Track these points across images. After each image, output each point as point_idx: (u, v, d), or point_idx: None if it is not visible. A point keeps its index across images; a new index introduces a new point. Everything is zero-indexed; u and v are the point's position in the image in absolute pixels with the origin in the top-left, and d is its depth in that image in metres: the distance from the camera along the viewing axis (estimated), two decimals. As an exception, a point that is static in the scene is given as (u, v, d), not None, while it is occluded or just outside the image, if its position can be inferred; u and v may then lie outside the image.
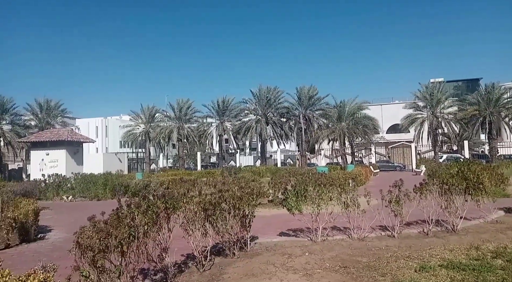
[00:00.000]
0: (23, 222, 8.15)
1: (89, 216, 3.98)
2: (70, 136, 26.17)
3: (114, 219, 3.85)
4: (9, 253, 7.33)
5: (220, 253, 6.34)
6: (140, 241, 4.00)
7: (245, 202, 6.37)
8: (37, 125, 43.71)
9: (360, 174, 21.24)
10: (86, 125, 63.74)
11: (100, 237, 3.53)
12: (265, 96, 43.52)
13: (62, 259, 5.84)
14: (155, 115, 48.46)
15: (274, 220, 9.96)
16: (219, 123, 46.41)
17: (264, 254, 6.27)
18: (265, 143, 44.42)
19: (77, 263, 3.61)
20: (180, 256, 5.91)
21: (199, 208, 5.65)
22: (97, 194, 18.68)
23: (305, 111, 41.91)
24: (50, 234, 9.39)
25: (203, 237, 5.59)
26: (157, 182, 20.23)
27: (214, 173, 29.83)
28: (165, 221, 4.82)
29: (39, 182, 20.23)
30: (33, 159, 26.32)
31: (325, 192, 7.27)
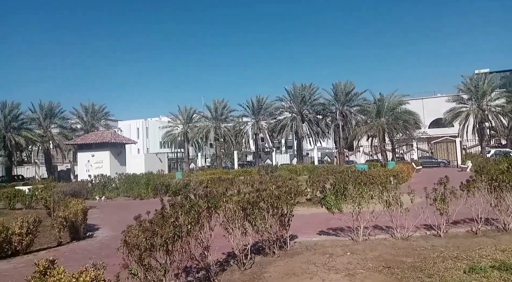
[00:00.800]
0: (73, 221, 8.59)
1: (135, 215, 4.13)
2: (113, 138, 27.27)
3: (159, 218, 3.98)
4: (61, 250, 7.76)
5: (260, 252, 6.37)
6: (184, 240, 4.11)
7: (283, 201, 6.36)
8: (82, 128, 45.97)
9: (402, 171, 20.57)
10: (128, 127, 66.23)
11: (146, 236, 3.65)
12: (300, 94, 43.18)
13: (109, 256, 6.10)
14: (193, 116, 49.50)
15: (313, 219, 9.87)
16: (255, 122, 46.62)
17: (305, 254, 6.23)
18: (301, 141, 44.10)
19: (125, 261, 3.76)
20: (221, 254, 6.01)
21: (238, 207, 5.71)
22: (140, 194, 19.33)
23: (342, 107, 41.18)
24: (97, 232, 9.84)
25: (243, 235, 5.64)
26: (197, 181, 20.67)
27: (251, 171, 30.01)
28: (207, 220, 4.91)
29: (86, 182, 21.24)
30: (79, 161, 27.68)
31: (365, 190, 7.11)
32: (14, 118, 40.63)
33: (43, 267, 2.75)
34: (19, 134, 39.54)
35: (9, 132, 39.44)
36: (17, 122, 40.89)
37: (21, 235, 7.29)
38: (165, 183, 19.85)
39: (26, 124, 42.06)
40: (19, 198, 15.92)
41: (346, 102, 41.17)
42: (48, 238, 8.77)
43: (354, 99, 41.12)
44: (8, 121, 40.01)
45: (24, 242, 7.37)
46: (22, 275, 5.83)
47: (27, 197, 15.75)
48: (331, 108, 42.58)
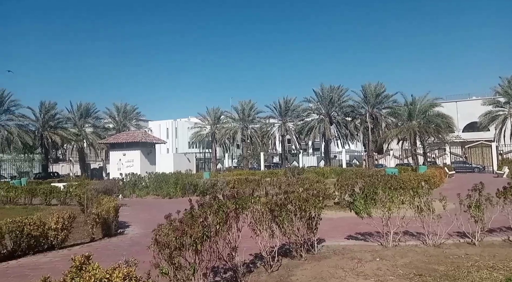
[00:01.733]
0: (105, 218, 8.87)
1: (166, 214, 4.22)
2: (144, 138, 27.96)
3: (188, 218, 4.05)
4: (94, 246, 8.02)
5: (287, 254, 6.35)
6: (212, 240, 4.16)
7: (311, 204, 6.31)
8: (114, 127, 47.41)
9: (434, 176, 19.95)
10: (157, 127, 67.73)
11: (176, 235, 3.72)
12: (328, 95, 42.72)
13: (139, 253, 6.26)
14: (220, 117, 50.02)
15: (341, 223, 9.74)
16: (282, 123, 46.53)
17: (332, 258, 6.16)
18: (329, 143, 43.62)
19: (156, 259, 3.85)
20: (248, 255, 6.03)
21: (266, 209, 5.71)
22: (168, 192, 19.72)
23: (372, 110, 40.42)
24: (128, 229, 10.11)
25: (270, 237, 5.64)
26: (224, 181, 20.87)
27: (277, 173, 29.96)
28: (235, 221, 4.95)
29: (118, 180, 21.87)
30: (111, 159, 28.55)
31: (396, 195, 6.95)
32: (51, 118, 42.44)
33: (79, 263, 2.86)
34: (55, 133, 41.27)
35: (46, 130, 41.23)
36: (53, 121, 42.69)
37: (57, 230, 7.60)
38: (193, 183, 20.17)
39: (62, 123, 43.86)
40: (54, 195, 16.61)
41: (376, 104, 40.37)
42: (81, 233, 9.09)
43: (385, 101, 40.26)
44: (45, 120, 41.84)
45: (59, 237, 7.68)
46: (58, 269, 6.08)
47: (62, 194, 16.41)
48: (360, 110, 41.87)
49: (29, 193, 17.08)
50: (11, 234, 6.90)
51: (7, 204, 16.71)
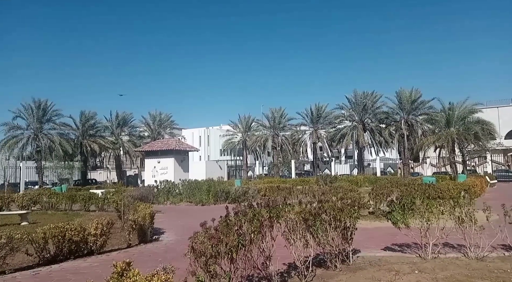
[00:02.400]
0: (141, 224, 9.09)
1: (201, 222, 4.28)
2: (177, 146, 28.53)
3: (223, 226, 4.08)
4: (131, 252, 8.23)
5: (321, 265, 6.25)
6: (247, 249, 4.16)
7: (346, 214, 6.19)
8: (149, 135, 48.79)
9: (474, 185, 19.04)
10: (190, 135, 69.04)
11: (212, 243, 3.76)
12: (361, 101, 42.01)
13: (174, 260, 6.36)
14: (251, 124, 50.29)
15: (377, 233, 9.48)
16: (313, 130, 46.14)
17: (369, 269, 6.00)
18: (362, 150, 42.76)
19: (192, 266, 3.90)
20: (282, 264, 5.98)
21: (300, 218, 5.66)
22: (201, 199, 19.95)
23: (407, 116, 39.33)
24: (163, 236, 10.30)
25: (304, 247, 5.57)
26: (255, 189, 20.90)
27: (309, 181, 29.67)
28: (269, 229, 4.94)
29: (152, 187, 22.39)
30: (146, 167, 29.30)
31: (435, 205, 6.69)
32: (90, 127, 44.28)
33: (121, 269, 2.94)
34: (94, 141, 42.99)
35: (85, 139, 43.03)
36: (92, 130, 44.52)
37: (96, 236, 7.86)
38: (225, 190, 20.31)
39: (100, 132, 45.65)
40: (93, 201, 17.23)
41: (411, 110, 39.26)
42: (118, 239, 9.35)
43: (421, 107, 39.09)
44: (85, 129, 43.69)
45: (98, 242, 7.94)
46: (97, 274, 6.29)
47: (100, 200, 16.99)
48: (395, 116, 40.85)
49: (70, 199, 17.81)
50: (54, 239, 7.21)
51: (49, 210, 17.51)
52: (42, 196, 18.36)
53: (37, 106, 40.18)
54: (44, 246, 7.09)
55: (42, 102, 40.48)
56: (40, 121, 40.35)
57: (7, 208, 17.00)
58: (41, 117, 40.32)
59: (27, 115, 40.21)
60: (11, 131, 39.75)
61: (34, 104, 40.19)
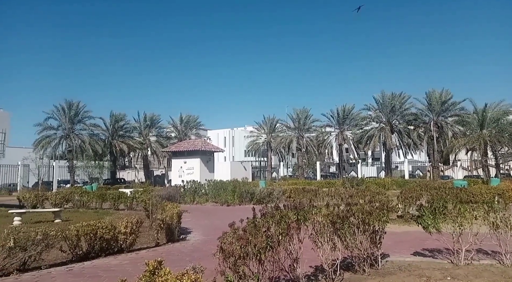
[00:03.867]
0: (169, 223, 9.25)
1: (230, 222, 4.32)
2: (203, 146, 28.89)
3: (251, 227, 4.10)
4: (159, 251, 8.38)
5: (349, 268, 6.16)
6: (275, 251, 4.16)
7: (375, 217, 6.08)
8: (176, 136, 49.60)
9: (509, 190, 18.25)
10: (215, 136, 69.72)
11: (241, 244, 3.78)
12: (389, 103, 41.15)
13: (201, 260, 6.43)
14: (276, 126, 50.22)
15: (406, 238, 9.26)
16: (339, 132, 45.57)
17: (398, 274, 5.86)
18: (389, 152, 41.88)
19: (221, 266, 3.94)
20: (309, 267, 5.94)
21: (327, 221, 5.61)
22: (226, 200, 20.10)
23: (437, 118, 38.23)
24: (190, 235, 10.43)
25: (332, 250, 5.51)
26: (280, 190, 20.83)
27: (335, 183, 29.31)
28: (296, 232, 4.92)
29: (179, 187, 22.75)
30: (173, 167, 29.81)
31: (468, 210, 6.47)
32: (120, 128, 45.51)
33: (153, 267, 3.01)
34: (123, 142, 44.17)
35: (114, 139, 44.26)
36: (121, 131, 45.74)
37: (126, 234, 8.05)
38: (249, 191, 20.36)
39: (129, 132, 46.84)
40: (122, 200, 17.67)
41: (441, 112, 38.13)
42: (147, 238, 9.54)
43: (451, 108, 37.91)
44: (114, 130, 44.94)
45: (128, 241, 8.13)
46: (127, 271, 6.45)
47: (129, 199, 17.41)
48: (424, 118, 39.79)
49: (100, 198, 18.34)
50: (86, 237, 7.44)
51: (81, 208, 18.08)
52: (74, 194, 18.99)
53: (68, 107, 41.65)
54: (77, 243, 7.33)
55: (73, 103, 41.95)
56: (72, 121, 41.79)
57: (41, 206, 17.68)
58: (72, 118, 41.77)
59: (59, 116, 41.75)
60: (45, 131, 41.39)
61: (66, 105, 41.69)
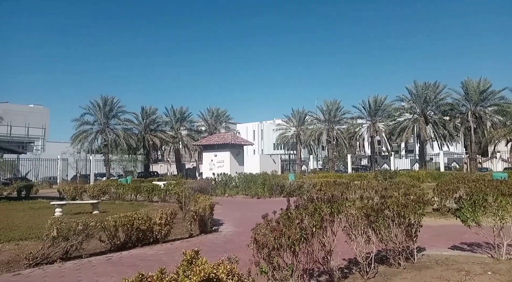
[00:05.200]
0: (202, 215, 9.42)
1: (263, 214, 4.34)
2: (233, 140, 29.12)
3: (285, 219, 4.11)
4: (192, 241, 8.57)
5: (383, 262, 6.06)
6: (309, 243, 4.16)
7: (410, 210, 5.94)
8: (206, 130, 50.31)
9: (554, 182, 17.29)
10: (245, 129, 70.07)
11: (275, 235, 3.80)
12: (422, 93, 39.83)
13: (234, 251, 6.51)
14: (305, 118, 49.83)
15: (443, 231, 8.99)
16: (371, 124, 44.65)
17: (435, 268, 5.71)
18: (424, 144, 40.64)
19: (255, 258, 3.98)
20: (342, 260, 5.89)
21: (361, 213, 5.53)
22: (257, 193, 20.23)
23: (475, 108, 36.67)
24: (222, 227, 10.59)
25: (366, 243, 5.44)
26: (310, 183, 20.70)
27: (366, 176, 28.80)
28: (329, 224, 4.88)
29: (210, 180, 23.11)
30: (204, 160, 30.25)
31: (510, 203, 6.18)
32: (152, 122, 46.68)
33: (190, 257, 3.08)
34: (155, 136, 45.28)
35: (147, 133, 45.43)
36: (153, 125, 46.88)
37: (161, 225, 8.28)
38: (279, 184, 20.40)
39: (161, 126, 47.96)
40: (156, 192, 18.16)
41: (479, 101, 36.53)
42: (180, 229, 9.76)
43: (490, 98, 36.26)
44: (146, 124, 46.13)
45: (163, 231, 8.35)
46: (163, 261, 6.64)
47: (162, 192, 17.87)
48: (461, 108, 38.28)
49: (135, 190, 18.93)
50: (123, 227, 7.71)
51: (117, 200, 18.74)
52: (110, 187, 19.71)
53: (104, 103, 43.10)
54: (115, 233, 7.61)
55: (108, 99, 43.36)
56: (107, 116, 43.25)
57: (80, 198, 18.46)
58: (107, 113, 43.21)
59: (95, 111, 43.31)
60: (81, 126, 43.09)
61: (101, 100, 43.15)
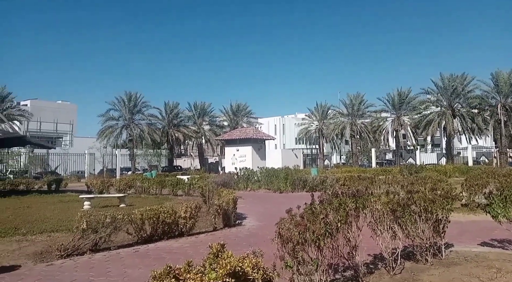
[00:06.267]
0: (225, 209, 9.51)
1: (287, 209, 4.34)
2: (255, 134, 29.20)
3: (309, 214, 4.09)
4: (217, 235, 8.67)
5: (410, 258, 5.96)
6: (334, 238, 4.13)
7: (438, 206, 5.80)
8: (228, 125, 50.60)
9: None
10: (266, 124, 70.00)
11: (299, 230, 3.80)
12: (449, 85, 38.66)
13: (257, 245, 6.52)
14: (328, 112, 49.32)
15: (472, 227, 8.76)
16: (395, 117, 43.76)
17: (464, 265, 5.58)
18: (451, 138, 39.52)
19: (280, 252, 3.99)
20: (367, 255, 5.83)
21: (387, 208, 5.44)
22: (279, 187, 20.24)
23: (505, 100, 35.36)
24: (245, 221, 10.67)
25: (392, 239, 5.36)
26: (333, 178, 20.52)
27: (391, 171, 28.27)
28: (354, 219, 4.84)
29: (233, 174, 23.28)
30: (226, 154, 30.50)
31: (545, 199, 5.95)
32: (175, 117, 47.30)
33: (216, 250, 3.12)
34: (178, 131, 45.92)
35: (170, 128, 46.09)
36: (177, 120, 47.51)
37: (186, 218, 8.41)
38: (302, 179, 20.32)
39: (183, 121, 48.58)
40: (180, 186, 18.46)
41: (510, 93, 35.17)
42: (204, 223, 9.88)
43: (522, 89, 34.85)
44: (170, 119, 46.79)
45: (188, 225, 8.49)
46: (188, 254, 6.75)
47: (186, 185, 18.13)
48: (490, 101, 36.96)
49: (159, 184, 19.28)
50: (149, 220, 7.87)
51: (142, 194, 19.15)
52: (136, 181, 20.14)
53: (128, 99, 43.98)
54: (142, 226, 7.78)
55: (132, 95, 44.22)
56: (131, 112, 44.15)
57: (107, 191, 18.97)
58: (132, 109, 44.10)
59: (120, 107, 44.26)
60: (107, 122, 44.16)
61: (126, 96, 44.04)
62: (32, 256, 6.65)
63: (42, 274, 5.70)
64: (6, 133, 24.15)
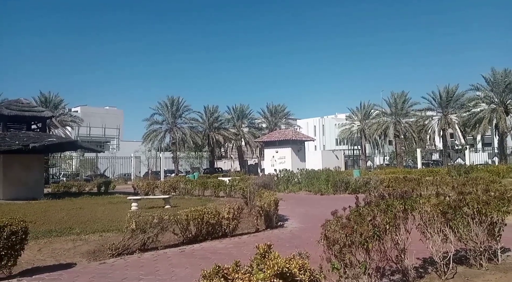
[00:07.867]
0: (267, 210, 9.54)
1: (332, 211, 4.30)
2: (294, 136, 29.08)
3: (356, 216, 4.03)
4: (259, 236, 8.72)
5: (462, 262, 5.69)
6: (381, 240, 4.04)
7: (493, 208, 5.50)
8: (267, 126, 50.75)
9: None
10: (305, 125, 69.48)
11: (346, 232, 3.74)
12: (502, 80, 36.42)
13: (301, 246, 6.50)
14: (370, 112, 48.13)
15: (530, 231, 8.18)
16: (442, 115, 41.86)
17: (523, 271, 5.24)
18: (504, 136, 37.18)
19: (326, 254, 3.96)
20: (416, 259, 5.63)
21: (437, 211, 5.23)
22: (320, 189, 19.98)
23: None
24: (287, 223, 10.64)
25: (443, 242, 5.14)
26: (377, 179, 19.98)
27: (438, 171, 27.07)
28: (403, 222, 4.70)
29: (273, 176, 23.31)
30: (266, 156, 30.60)
31: None
32: (215, 120, 48.15)
33: (263, 250, 3.14)
34: (218, 133, 46.70)
35: (211, 131, 46.97)
36: (217, 123, 48.35)
37: (229, 219, 8.53)
38: (344, 180, 19.95)
39: (223, 124, 49.35)
40: (221, 187, 18.75)
41: None
42: (246, 224, 9.96)
43: None
44: (210, 122, 47.68)
45: (231, 226, 8.61)
46: (233, 254, 6.84)
47: (227, 187, 18.39)
48: (549, 96, 34.40)
49: (202, 185, 19.70)
50: (194, 221, 8.07)
51: (186, 195, 19.64)
52: (179, 183, 20.71)
53: (171, 103, 45.35)
54: (187, 227, 7.99)
55: (175, 99, 45.55)
56: (174, 116, 45.48)
57: (152, 193, 19.63)
58: (174, 113, 45.42)
59: (163, 111, 45.74)
60: (151, 126, 45.78)
61: (169, 101, 45.43)
62: (86, 255, 7.02)
63: (95, 272, 6.01)
64: (60, 138, 25.68)
